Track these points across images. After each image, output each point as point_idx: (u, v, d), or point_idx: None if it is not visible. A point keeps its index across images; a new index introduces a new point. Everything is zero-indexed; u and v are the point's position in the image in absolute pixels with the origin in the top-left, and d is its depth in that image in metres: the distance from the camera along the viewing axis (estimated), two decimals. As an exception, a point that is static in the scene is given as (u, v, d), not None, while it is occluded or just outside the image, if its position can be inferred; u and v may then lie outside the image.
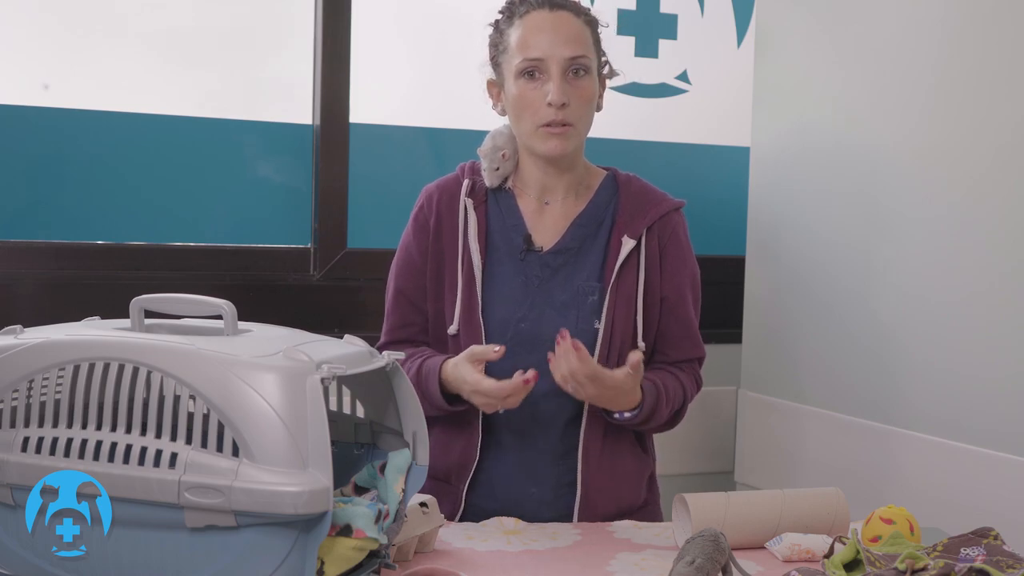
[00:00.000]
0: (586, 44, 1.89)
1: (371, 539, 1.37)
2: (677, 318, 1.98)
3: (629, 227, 1.94)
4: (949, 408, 2.18)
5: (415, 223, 1.98)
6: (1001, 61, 2.10)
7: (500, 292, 1.92)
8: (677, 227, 1.98)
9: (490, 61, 1.96)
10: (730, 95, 2.97)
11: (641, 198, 1.97)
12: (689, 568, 1.36)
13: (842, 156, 2.45)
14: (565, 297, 1.92)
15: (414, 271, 1.97)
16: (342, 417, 1.54)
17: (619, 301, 1.92)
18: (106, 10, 2.43)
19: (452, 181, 1.99)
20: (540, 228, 1.96)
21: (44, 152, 2.40)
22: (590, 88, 1.89)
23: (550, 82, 1.85)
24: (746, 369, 2.75)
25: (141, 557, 1.30)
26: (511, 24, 1.90)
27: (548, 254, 1.94)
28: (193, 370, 1.28)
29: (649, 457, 2.04)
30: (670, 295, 1.97)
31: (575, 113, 1.87)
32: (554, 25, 1.87)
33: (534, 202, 1.97)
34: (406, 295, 1.98)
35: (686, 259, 1.99)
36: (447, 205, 1.96)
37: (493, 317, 1.90)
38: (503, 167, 1.96)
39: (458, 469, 1.92)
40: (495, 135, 1.98)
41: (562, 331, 1.77)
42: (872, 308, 2.36)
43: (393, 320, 1.99)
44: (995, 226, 2.10)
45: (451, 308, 1.92)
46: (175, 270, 2.48)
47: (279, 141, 2.59)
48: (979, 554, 1.50)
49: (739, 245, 2.80)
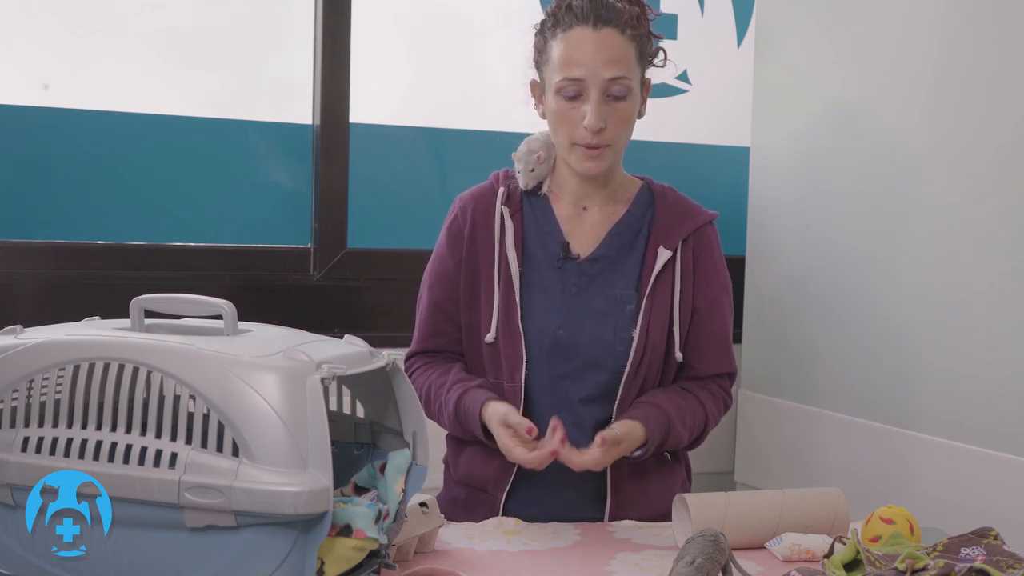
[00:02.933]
0: (628, 64, 1.85)
1: (371, 539, 1.37)
2: (708, 331, 1.95)
3: (665, 238, 1.92)
4: (949, 408, 2.18)
5: (449, 232, 1.96)
6: (1001, 61, 2.10)
7: (538, 300, 1.91)
8: (711, 239, 1.97)
9: (533, 63, 1.93)
10: (730, 95, 2.97)
11: (677, 209, 1.96)
12: (689, 568, 1.36)
13: (842, 156, 2.45)
14: (603, 305, 1.91)
15: (448, 281, 1.95)
16: (342, 417, 1.54)
17: (655, 311, 1.90)
18: (106, 10, 2.43)
19: (487, 189, 1.97)
20: (577, 235, 1.94)
21: (44, 152, 2.40)
22: (629, 109, 1.86)
23: (588, 104, 1.83)
24: (746, 369, 2.75)
25: (141, 557, 1.30)
26: (555, 35, 1.86)
27: (586, 262, 1.93)
28: (193, 370, 1.28)
29: (680, 466, 2.01)
30: (702, 307, 1.94)
31: (611, 135, 1.85)
32: (596, 45, 1.83)
33: (570, 207, 1.95)
34: (440, 306, 1.96)
35: (719, 271, 1.97)
36: (483, 213, 1.94)
37: (532, 325, 1.89)
38: (538, 169, 1.94)
39: (496, 478, 1.91)
40: (530, 141, 1.96)
41: (552, 422, 1.75)
42: (872, 308, 2.36)
43: (425, 330, 1.98)
44: (996, 225, 2.10)
45: (487, 317, 1.91)
46: (175, 270, 2.48)
47: (279, 141, 2.59)
48: (979, 554, 1.50)
49: (739, 245, 2.80)
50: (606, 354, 1.89)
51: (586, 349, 1.87)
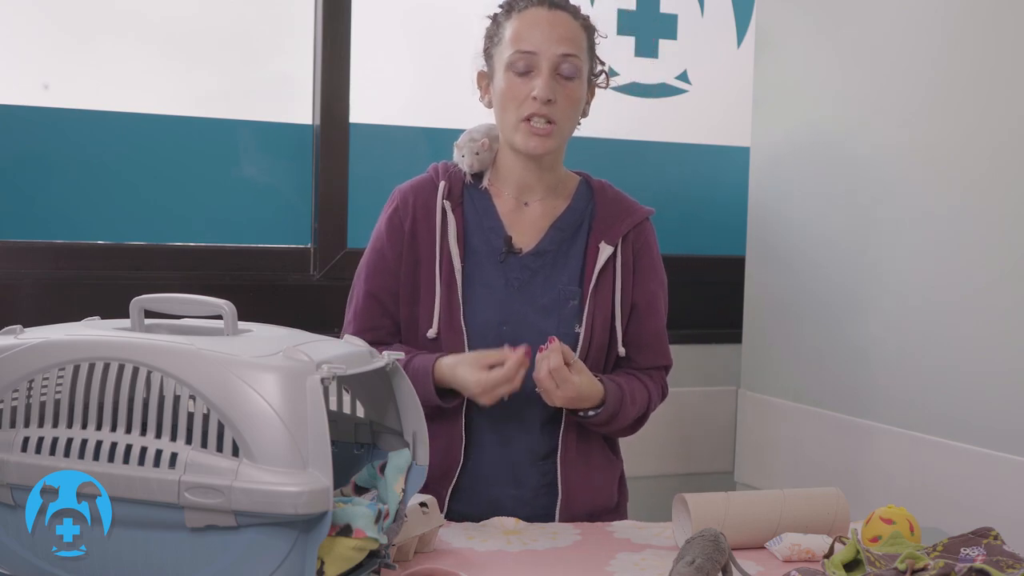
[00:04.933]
0: (579, 45, 1.89)
1: (371, 539, 1.37)
2: (647, 326, 1.99)
3: (606, 234, 1.95)
4: (950, 408, 2.18)
5: (390, 224, 1.96)
6: (1001, 61, 2.10)
7: (481, 295, 1.91)
8: (649, 236, 2.01)
9: (483, 53, 1.96)
10: (730, 95, 2.97)
11: (616, 205, 1.99)
12: (689, 568, 1.36)
13: (842, 156, 2.45)
14: (546, 300, 1.92)
15: (388, 273, 1.94)
16: (342, 417, 1.54)
17: (598, 307, 1.93)
18: (106, 10, 2.43)
19: (426, 182, 1.97)
20: (518, 229, 1.95)
21: (44, 152, 2.40)
22: (578, 91, 1.90)
23: (539, 78, 1.86)
24: (746, 369, 2.75)
25: (141, 557, 1.30)
26: (508, 18, 1.91)
27: (528, 256, 1.94)
28: (193, 370, 1.28)
29: (618, 459, 2.05)
30: (641, 303, 1.98)
31: (559, 112, 1.87)
32: (550, 22, 1.88)
33: (512, 201, 1.96)
34: (378, 298, 1.95)
35: (656, 268, 2.01)
36: (423, 206, 1.94)
37: (475, 320, 1.90)
38: (482, 154, 1.96)
39: (440, 474, 1.91)
40: (472, 131, 1.98)
41: (551, 338, 1.79)
42: (872, 308, 2.36)
43: (360, 323, 1.95)
44: (995, 225, 2.10)
45: (428, 311, 1.91)
46: (175, 270, 2.48)
47: (279, 141, 2.59)
48: (979, 554, 1.50)
49: (739, 245, 2.80)
50: None
51: (531, 344, 1.85)
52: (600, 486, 1.98)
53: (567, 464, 1.92)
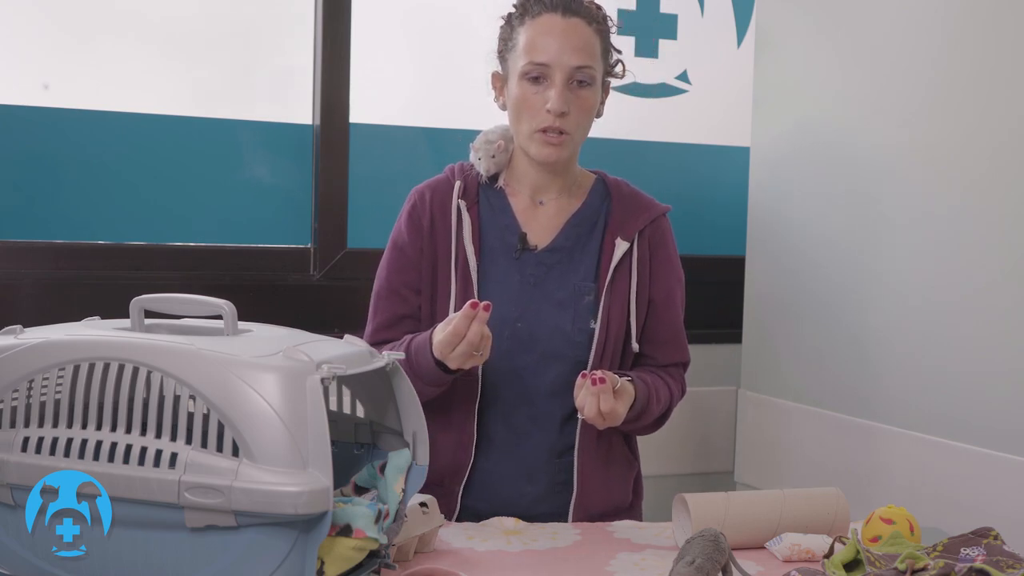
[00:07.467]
0: (593, 54, 1.88)
1: (371, 539, 1.37)
2: (665, 322, 1.99)
3: (622, 230, 1.95)
4: (950, 408, 2.18)
5: (410, 220, 1.96)
6: (1001, 61, 2.10)
7: (496, 291, 1.92)
8: (665, 232, 2.01)
9: (497, 55, 1.96)
10: (730, 95, 2.97)
11: (632, 202, 1.99)
12: (689, 568, 1.36)
13: (842, 156, 2.45)
14: (562, 296, 1.93)
15: (410, 266, 1.95)
16: (342, 417, 1.54)
17: (614, 303, 1.93)
18: (106, 10, 2.43)
19: (443, 182, 1.98)
20: (534, 227, 1.96)
21: (44, 152, 2.40)
22: (591, 99, 1.90)
23: (552, 89, 1.85)
24: (746, 369, 2.75)
25: (141, 557, 1.30)
26: (522, 23, 1.90)
27: (543, 252, 1.94)
28: (193, 370, 1.28)
29: (636, 459, 2.05)
30: (658, 299, 1.98)
31: (573, 122, 1.88)
32: (564, 32, 1.86)
33: (527, 200, 1.97)
34: (399, 292, 1.95)
35: (673, 264, 2.01)
36: (440, 206, 1.95)
37: (491, 316, 1.90)
38: (498, 156, 1.96)
39: (452, 471, 1.91)
40: (488, 132, 1.99)
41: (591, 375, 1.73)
42: (872, 308, 2.36)
43: (382, 318, 1.95)
44: (995, 225, 2.10)
45: (444, 309, 1.91)
46: (175, 270, 2.48)
47: (279, 141, 2.59)
48: (979, 554, 1.50)
49: (739, 245, 2.80)
50: (565, 345, 1.90)
51: (545, 340, 1.88)
52: (616, 485, 1.98)
53: (585, 461, 1.92)
